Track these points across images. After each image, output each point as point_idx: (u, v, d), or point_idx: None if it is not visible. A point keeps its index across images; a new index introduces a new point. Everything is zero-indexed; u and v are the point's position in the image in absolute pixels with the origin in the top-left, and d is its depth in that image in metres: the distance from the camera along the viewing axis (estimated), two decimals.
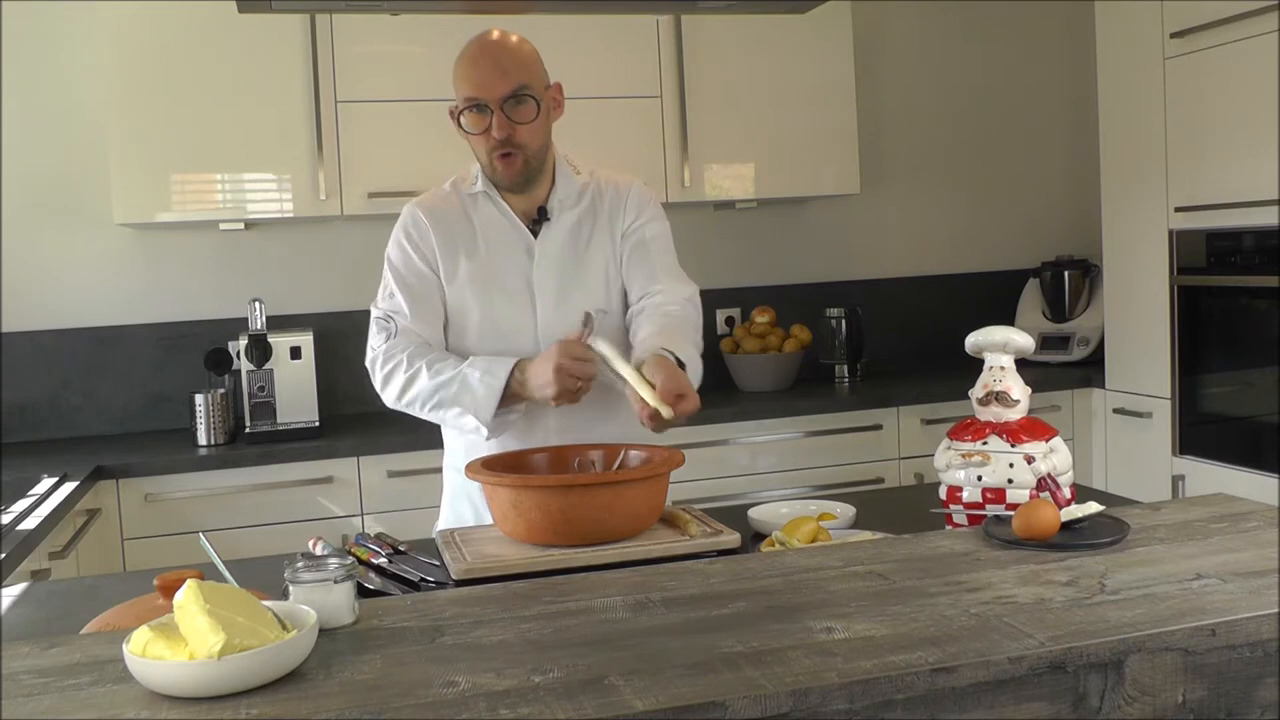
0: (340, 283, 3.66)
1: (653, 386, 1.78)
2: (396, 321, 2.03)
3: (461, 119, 1.99)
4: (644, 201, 2.15)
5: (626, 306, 2.12)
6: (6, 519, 2.35)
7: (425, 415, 2.03)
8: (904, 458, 3.57)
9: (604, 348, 1.87)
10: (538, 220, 2.07)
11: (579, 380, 1.85)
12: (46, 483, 2.71)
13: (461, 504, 2.11)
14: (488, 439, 1.99)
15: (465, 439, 2.06)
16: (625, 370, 1.83)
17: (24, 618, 1.59)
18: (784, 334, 3.81)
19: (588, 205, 2.11)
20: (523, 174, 2.02)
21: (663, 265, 2.12)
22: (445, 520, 2.16)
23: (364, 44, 3.30)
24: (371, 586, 1.58)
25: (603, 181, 2.14)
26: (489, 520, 2.00)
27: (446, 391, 1.96)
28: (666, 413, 1.76)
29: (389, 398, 2.04)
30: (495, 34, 2.03)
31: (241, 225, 3.39)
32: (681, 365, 1.91)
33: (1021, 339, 1.69)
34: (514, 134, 1.97)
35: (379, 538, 1.80)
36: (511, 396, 1.93)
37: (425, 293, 2.05)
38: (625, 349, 1.98)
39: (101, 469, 2.96)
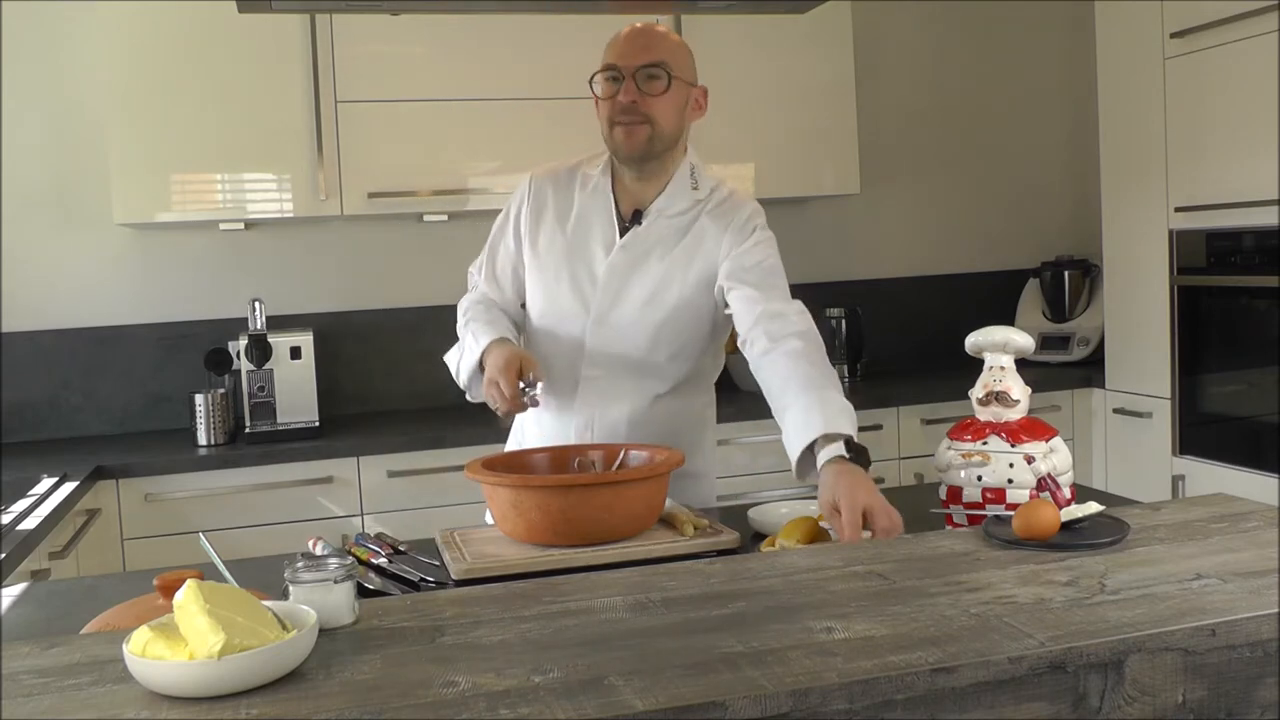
0: (340, 283, 3.66)
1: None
2: (477, 281, 2.18)
3: (595, 85, 2.00)
4: (749, 228, 2.08)
5: (695, 335, 2.10)
6: (6, 519, 2.35)
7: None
8: (904, 458, 3.57)
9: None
10: (633, 220, 2.07)
11: (500, 403, 1.93)
12: (46, 483, 2.71)
13: None
14: (471, 399, 2.10)
15: (533, 425, 2.14)
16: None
17: (24, 618, 1.58)
18: None
19: (686, 222, 2.06)
20: (644, 149, 2.00)
21: (777, 288, 2.07)
22: None
23: (364, 44, 3.29)
24: (371, 586, 1.58)
25: (720, 202, 2.09)
26: None
27: (459, 349, 2.08)
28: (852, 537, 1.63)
29: None
30: (649, 22, 2.07)
31: (241, 225, 3.39)
32: (861, 450, 1.79)
33: (1021, 339, 1.70)
34: (640, 102, 1.97)
35: (379, 538, 1.80)
36: None
37: (504, 261, 2.15)
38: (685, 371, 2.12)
39: (101, 469, 2.96)
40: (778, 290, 2.05)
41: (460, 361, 2.06)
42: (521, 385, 1.91)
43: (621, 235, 2.05)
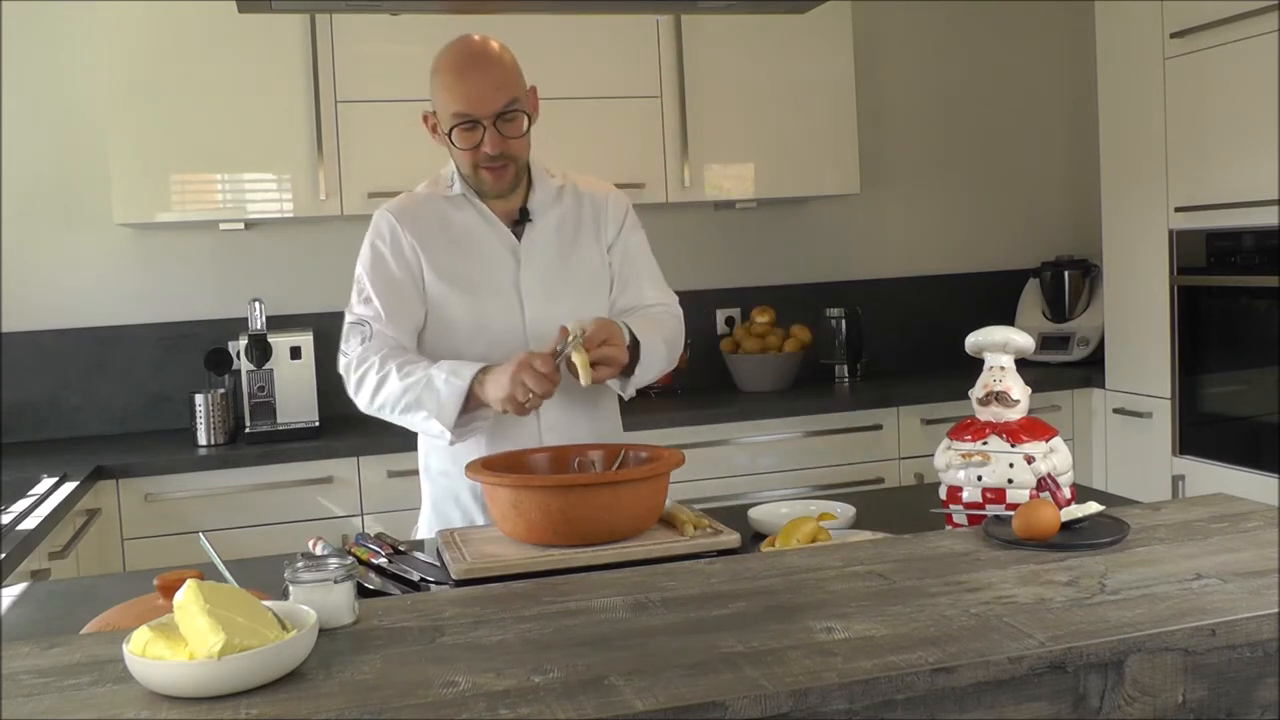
0: (340, 283, 3.61)
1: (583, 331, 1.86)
2: (371, 325, 2.03)
3: (452, 135, 1.97)
4: (622, 211, 2.16)
5: (606, 299, 2.13)
6: (6, 519, 2.35)
7: (396, 419, 2.01)
8: (904, 458, 3.57)
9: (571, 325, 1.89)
10: (519, 221, 2.06)
11: (530, 393, 1.83)
12: (46, 483, 2.71)
13: (447, 506, 2.09)
14: (451, 444, 1.98)
15: (504, 436, 2.03)
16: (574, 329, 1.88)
17: (24, 618, 1.59)
18: (784, 334, 3.81)
19: (568, 207, 2.11)
20: (512, 184, 2.04)
21: (647, 275, 2.16)
22: (428, 523, 2.14)
23: (364, 44, 3.30)
24: (371, 586, 1.58)
25: (579, 185, 2.14)
26: (479, 522, 2.00)
27: (413, 394, 1.94)
28: (581, 363, 1.83)
29: (362, 402, 2.03)
30: (478, 43, 2.00)
31: (241, 225, 3.39)
32: (636, 342, 1.97)
33: (1021, 339, 1.69)
34: (505, 148, 1.97)
35: (379, 538, 1.80)
36: (475, 401, 1.91)
37: (401, 295, 2.04)
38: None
39: (101, 469, 2.96)
40: (651, 277, 2.16)
41: (442, 403, 1.90)
42: (557, 349, 1.86)
43: (518, 238, 2.06)
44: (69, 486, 2.70)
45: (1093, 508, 1.51)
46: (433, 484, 2.14)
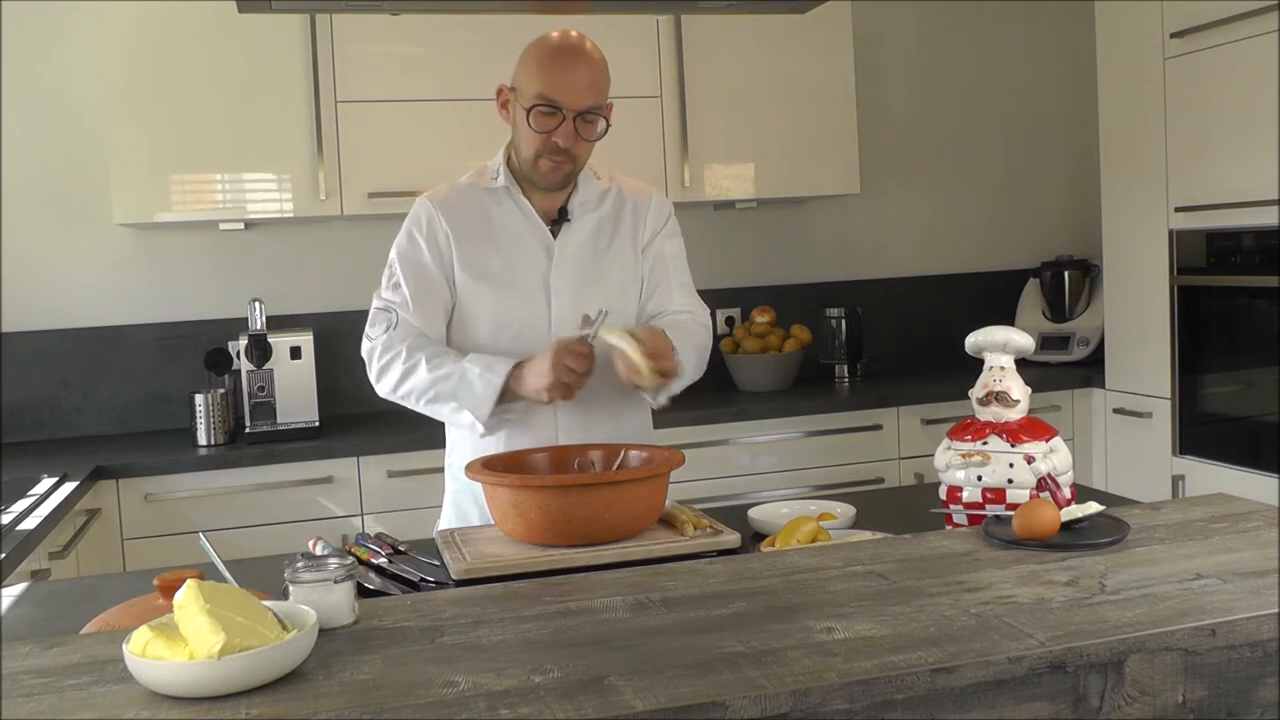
0: (340, 283, 3.66)
1: (640, 344, 1.85)
2: (398, 313, 2.04)
3: (530, 115, 1.96)
4: (663, 216, 2.16)
5: (636, 304, 2.14)
6: (6, 519, 2.35)
7: (419, 408, 2.04)
8: (904, 458, 3.57)
9: (605, 333, 1.89)
10: (558, 221, 2.07)
11: (574, 374, 1.86)
12: (46, 483, 2.71)
13: (466, 502, 2.10)
14: (483, 435, 2.00)
15: (471, 439, 2.06)
16: (614, 337, 1.87)
17: (24, 618, 1.59)
18: (784, 334, 3.81)
19: (609, 210, 2.12)
20: (564, 181, 2.04)
21: (679, 284, 2.16)
22: (448, 520, 2.16)
23: (364, 44, 3.30)
24: (371, 586, 1.58)
25: (623, 188, 2.15)
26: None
27: (444, 385, 1.97)
28: (648, 377, 1.83)
29: (384, 388, 2.05)
30: (584, 41, 2.02)
31: (241, 225, 3.39)
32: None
33: (1021, 339, 1.70)
34: (575, 146, 1.98)
35: (379, 538, 1.80)
36: (509, 395, 1.94)
37: (430, 286, 2.05)
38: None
39: (101, 469, 2.96)
40: (683, 286, 2.16)
41: (477, 397, 1.94)
42: (587, 332, 1.87)
43: (554, 236, 2.06)
44: (69, 486, 2.70)
45: (1093, 508, 1.51)
46: (454, 481, 2.15)
